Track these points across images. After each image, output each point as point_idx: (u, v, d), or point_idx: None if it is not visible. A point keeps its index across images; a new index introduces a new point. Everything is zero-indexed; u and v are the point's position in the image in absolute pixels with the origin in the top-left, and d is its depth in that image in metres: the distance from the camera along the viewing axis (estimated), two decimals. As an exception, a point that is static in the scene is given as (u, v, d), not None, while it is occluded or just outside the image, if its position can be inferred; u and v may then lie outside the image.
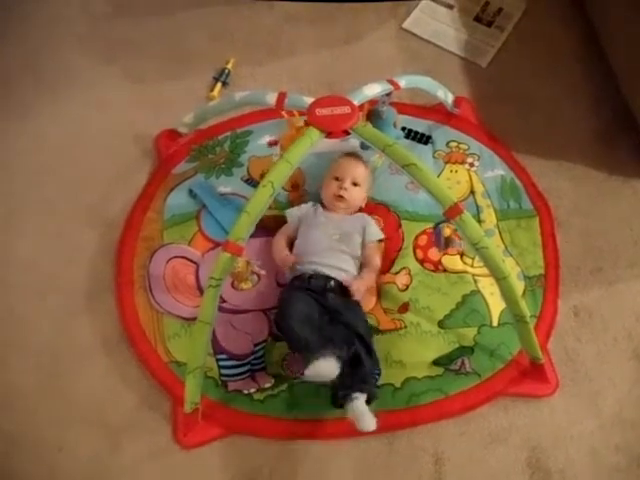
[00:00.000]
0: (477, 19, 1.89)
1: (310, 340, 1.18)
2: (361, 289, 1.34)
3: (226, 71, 1.78)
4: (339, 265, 1.35)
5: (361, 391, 1.18)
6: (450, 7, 1.91)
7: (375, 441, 1.29)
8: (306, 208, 1.47)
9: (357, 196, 1.45)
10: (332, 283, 1.32)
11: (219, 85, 1.76)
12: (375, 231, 1.44)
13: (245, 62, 1.82)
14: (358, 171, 1.44)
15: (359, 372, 1.20)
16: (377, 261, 1.42)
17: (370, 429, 1.13)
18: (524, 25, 1.86)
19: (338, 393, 1.19)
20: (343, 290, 1.33)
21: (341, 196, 1.42)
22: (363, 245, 1.41)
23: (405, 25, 1.88)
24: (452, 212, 1.17)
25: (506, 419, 1.31)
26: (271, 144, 1.62)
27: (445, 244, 1.44)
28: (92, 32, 1.90)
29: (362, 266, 1.40)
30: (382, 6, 1.91)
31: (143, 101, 1.76)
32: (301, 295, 1.29)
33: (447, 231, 1.44)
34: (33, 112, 1.75)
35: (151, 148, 1.66)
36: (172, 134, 1.64)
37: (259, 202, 1.16)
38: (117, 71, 1.82)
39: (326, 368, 1.13)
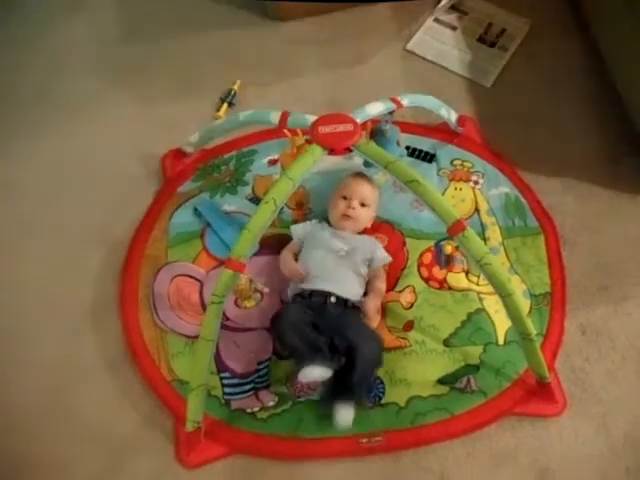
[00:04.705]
0: (480, 40, 1.90)
1: (298, 347, 1.22)
2: (372, 309, 1.34)
3: (232, 92, 1.80)
4: (342, 281, 1.34)
5: (346, 400, 1.22)
6: (453, 28, 1.93)
7: (380, 461, 1.27)
8: (311, 225, 1.46)
9: (365, 216, 1.44)
10: (332, 299, 1.32)
11: (225, 105, 1.78)
12: (383, 256, 1.42)
13: (252, 83, 1.84)
14: (367, 192, 1.44)
15: (346, 382, 1.22)
16: (383, 286, 1.41)
17: (345, 424, 1.21)
18: (527, 45, 1.87)
19: (322, 401, 1.24)
20: (344, 306, 1.33)
21: (348, 215, 1.41)
22: (369, 268, 1.40)
23: (409, 46, 1.90)
24: (455, 228, 1.15)
25: (513, 439, 1.29)
26: (271, 163, 1.61)
27: (446, 261, 1.45)
28: (102, 55, 1.94)
29: (367, 289, 1.39)
30: (386, 28, 1.94)
31: (151, 122, 1.78)
32: (300, 307, 1.30)
33: (448, 248, 1.45)
34: (41, 134, 1.77)
35: (158, 168, 1.68)
36: (178, 154, 1.66)
37: (261, 219, 1.16)
38: (125, 92, 1.85)
39: (316, 373, 1.18)
